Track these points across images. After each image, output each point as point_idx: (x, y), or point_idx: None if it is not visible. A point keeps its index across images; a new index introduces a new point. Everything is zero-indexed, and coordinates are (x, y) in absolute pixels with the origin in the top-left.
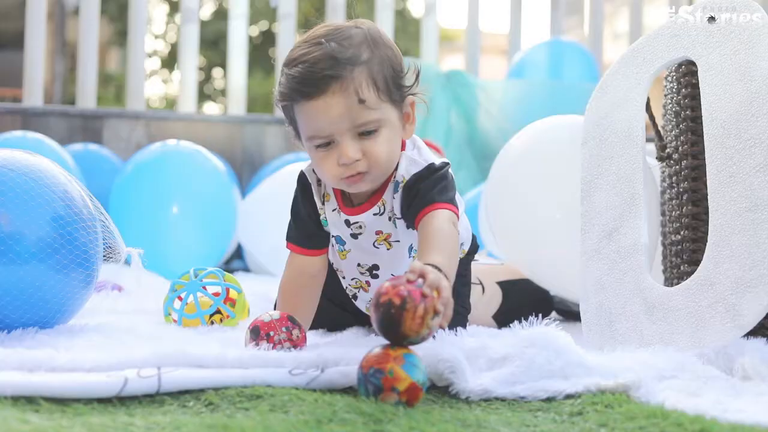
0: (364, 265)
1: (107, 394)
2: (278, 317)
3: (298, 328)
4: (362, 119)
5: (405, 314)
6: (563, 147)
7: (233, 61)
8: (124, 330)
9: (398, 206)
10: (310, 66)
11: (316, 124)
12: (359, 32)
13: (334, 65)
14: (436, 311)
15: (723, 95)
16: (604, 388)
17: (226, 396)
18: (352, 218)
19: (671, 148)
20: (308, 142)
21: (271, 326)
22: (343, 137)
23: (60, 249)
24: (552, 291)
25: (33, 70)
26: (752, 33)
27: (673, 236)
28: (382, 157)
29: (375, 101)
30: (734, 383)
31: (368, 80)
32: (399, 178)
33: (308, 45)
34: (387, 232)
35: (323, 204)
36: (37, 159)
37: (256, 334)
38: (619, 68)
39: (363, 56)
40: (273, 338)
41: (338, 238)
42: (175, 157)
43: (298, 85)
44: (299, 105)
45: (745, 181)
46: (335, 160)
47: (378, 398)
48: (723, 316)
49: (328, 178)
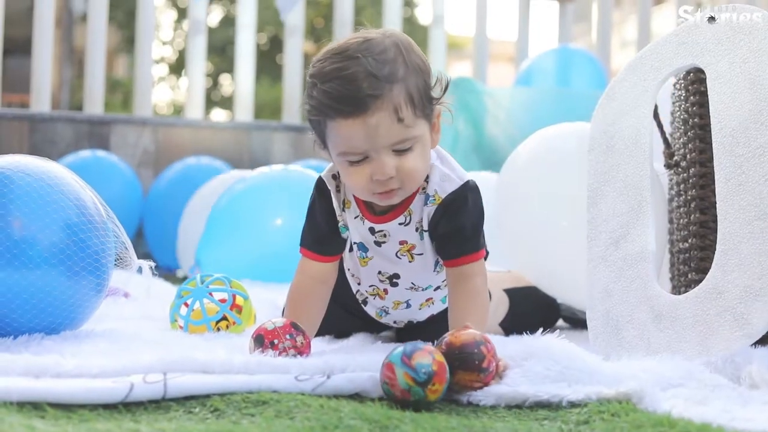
0: (384, 273)
1: (113, 399)
2: (282, 325)
3: (302, 335)
4: (399, 137)
5: (475, 375)
6: (570, 154)
7: (241, 68)
8: (131, 336)
9: (427, 221)
10: (347, 83)
11: (352, 142)
12: (391, 44)
13: (373, 84)
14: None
15: (732, 103)
16: (606, 397)
17: (231, 402)
18: (377, 226)
19: (679, 155)
20: (339, 156)
21: (274, 334)
22: (378, 154)
23: (72, 255)
24: (559, 298)
25: (40, 76)
26: (762, 41)
27: (681, 244)
28: (416, 173)
29: (411, 119)
30: (742, 392)
31: (406, 98)
32: (431, 191)
33: (342, 58)
34: (412, 242)
35: (343, 211)
36: (50, 165)
37: (261, 342)
38: (627, 75)
39: (400, 72)
40: (277, 346)
41: (360, 245)
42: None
43: (334, 102)
44: (334, 121)
45: (754, 189)
46: (368, 175)
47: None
48: (731, 325)
49: (358, 192)
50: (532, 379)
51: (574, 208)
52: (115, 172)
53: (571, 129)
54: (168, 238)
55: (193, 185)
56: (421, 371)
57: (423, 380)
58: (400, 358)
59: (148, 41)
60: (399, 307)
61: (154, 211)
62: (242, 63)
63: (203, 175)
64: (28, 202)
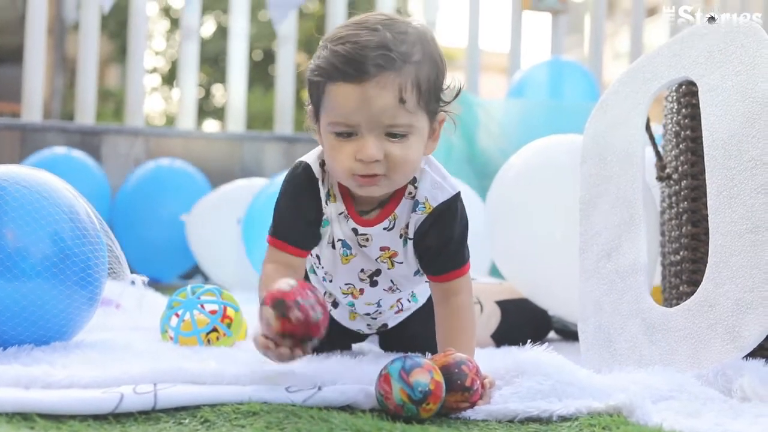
0: (367, 271)
1: (103, 410)
2: (295, 283)
3: (314, 288)
4: (396, 120)
5: (460, 394)
6: (563, 166)
7: (233, 78)
8: (121, 347)
9: (414, 229)
10: (359, 48)
11: (346, 110)
12: (414, 31)
13: (384, 55)
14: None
15: (724, 116)
16: (597, 410)
17: (222, 413)
18: (361, 229)
19: (671, 168)
20: (329, 126)
21: (296, 293)
22: (369, 132)
23: (65, 268)
24: (550, 311)
25: (32, 85)
26: (753, 54)
27: (673, 256)
28: (404, 163)
29: (413, 105)
30: (733, 404)
31: (413, 82)
32: (421, 198)
33: (360, 27)
34: (393, 249)
35: (326, 204)
36: (44, 175)
37: (283, 306)
38: (619, 88)
39: (415, 56)
40: (303, 306)
41: (344, 243)
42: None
43: (341, 63)
44: (334, 84)
45: (746, 202)
46: (352, 153)
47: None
48: (723, 338)
49: (339, 170)
50: (522, 396)
51: (566, 221)
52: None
53: (564, 141)
54: (137, 240)
55: (163, 188)
56: (418, 389)
57: (418, 399)
58: (399, 372)
59: (140, 51)
60: (369, 307)
61: (123, 212)
62: (234, 73)
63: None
64: (21, 213)
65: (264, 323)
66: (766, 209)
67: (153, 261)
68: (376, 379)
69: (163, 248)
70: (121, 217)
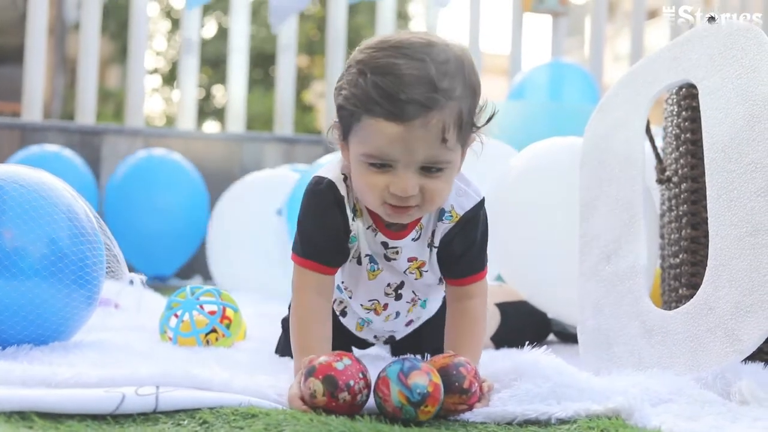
0: (392, 284)
1: (103, 410)
2: (350, 362)
3: (364, 367)
4: (436, 158)
5: (458, 396)
6: (563, 169)
7: (233, 78)
8: (120, 347)
9: (440, 237)
10: (403, 84)
11: (384, 146)
12: (454, 57)
13: (429, 93)
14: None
15: (724, 119)
16: (596, 413)
17: (221, 415)
18: (391, 242)
19: (671, 171)
20: (362, 156)
21: (348, 374)
22: (406, 168)
23: (63, 267)
24: (550, 313)
25: (32, 85)
26: (754, 57)
27: (672, 259)
28: (439, 198)
29: (453, 143)
30: (731, 407)
31: (456, 120)
32: (447, 207)
33: (400, 55)
34: (422, 259)
35: (353, 220)
36: (43, 175)
37: (334, 386)
38: (619, 90)
39: (457, 90)
40: (354, 389)
41: (371, 258)
42: None
43: (383, 99)
44: (372, 119)
45: (746, 205)
46: (385, 185)
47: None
48: (722, 341)
49: (369, 199)
50: (520, 398)
51: (566, 223)
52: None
53: (563, 143)
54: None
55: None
56: (416, 391)
57: (416, 401)
58: (397, 374)
59: (141, 51)
60: (389, 319)
61: (112, 204)
62: (235, 73)
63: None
64: (20, 213)
65: (308, 392)
66: (766, 212)
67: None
68: (374, 381)
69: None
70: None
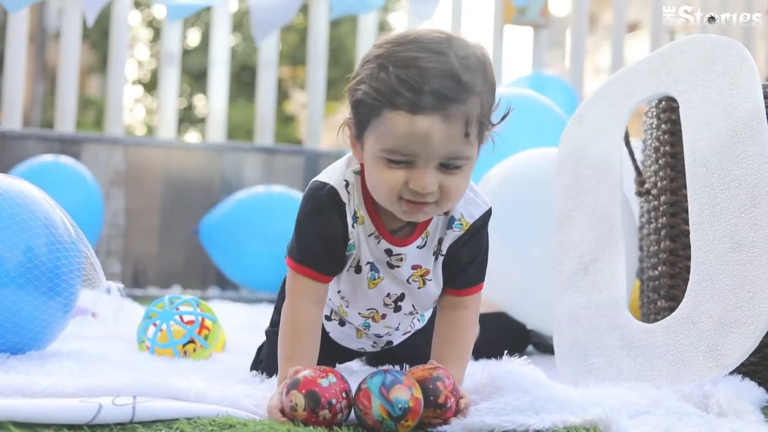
0: (392, 295)
1: (80, 420)
2: (335, 380)
3: (349, 387)
4: (457, 153)
5: (432, 410)
6: (539, 180)
7: (214, 89)
8: (97, 357)
9: (448, 245)
10: (428, 76)
11: (406, 140)
12: (474, 53)
13: (454, 87)
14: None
15: (706, 134)
16: (573, 424)
17: (198, 425)
18: (396, 249)
19: (650, 183)
20: (381, 151)
21: (331, 392)
22: (426, 164)
23: (39, 275)
24: (528, 324)
25: (12, 92)
26: (737, 73)
27: (651, 271)
28: (457, 195)
29: (474, 137)
30: (709, 420)
31: (477, 114)
32: (456, 215)
33: (422, 49)
34: (426, 267)
35: (353, 227)
36: (21, 184)
37: (315, 402)
38: (597, 100)
39: (479, 85)
40: (335, 407)
41: (373, 266)
42: None
43: (407, 91)
44: (395, 112)
45: (729, 221)
46: (404, 180)
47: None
48: (705, 356)
49: (385, 195)
50: (498, 410)
51: (544, 234)
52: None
53: (540, 154)
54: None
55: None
56: (398, 406)
57: (398, 415)
58: (379, 388)
59: (122, 60)
60: (388, 329)
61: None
62: (216, 84)
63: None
64: None
65: (289, 404)
66: (749, 228)
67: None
68: (354, 393)
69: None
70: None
